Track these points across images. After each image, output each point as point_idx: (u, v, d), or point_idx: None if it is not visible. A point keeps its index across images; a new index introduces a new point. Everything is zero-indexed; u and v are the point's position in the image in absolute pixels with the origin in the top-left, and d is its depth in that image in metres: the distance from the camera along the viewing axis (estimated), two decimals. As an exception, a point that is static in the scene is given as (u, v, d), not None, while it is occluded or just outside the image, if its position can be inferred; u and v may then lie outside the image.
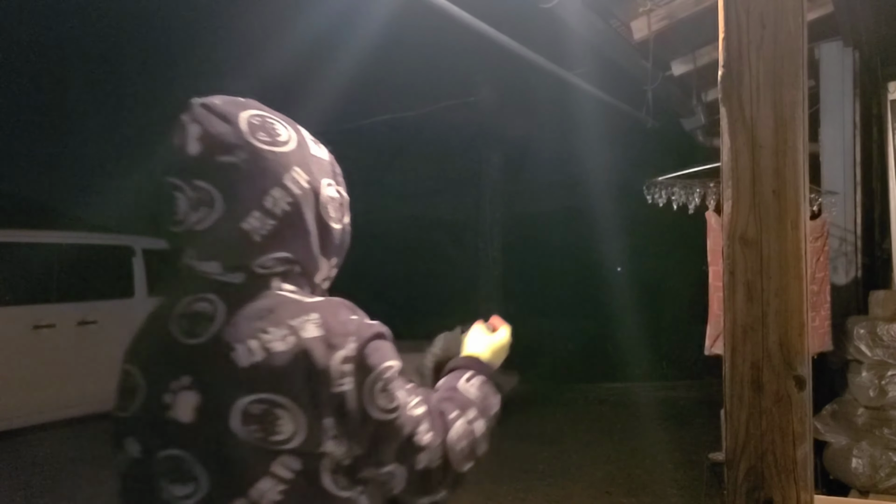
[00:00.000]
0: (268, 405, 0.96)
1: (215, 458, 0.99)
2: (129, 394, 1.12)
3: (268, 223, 1.03)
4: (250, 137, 1.05)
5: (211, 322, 1.01)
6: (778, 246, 1.46)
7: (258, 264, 1.04)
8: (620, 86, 4.93)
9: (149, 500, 1.04)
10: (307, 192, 1.07)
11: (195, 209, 1.02)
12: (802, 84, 1.47)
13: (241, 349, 0.98)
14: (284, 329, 0.99)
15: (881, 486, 3.42)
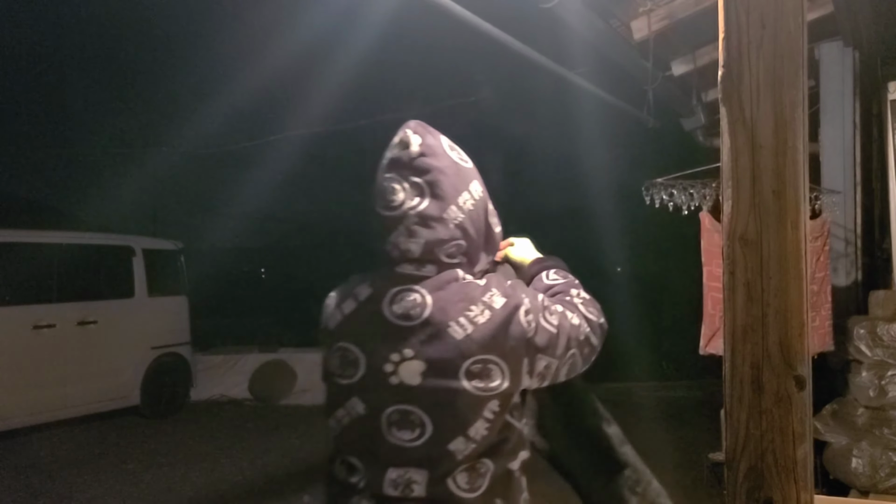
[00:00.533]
0: (483, 363, 1.31)
1: (440, 408, 1.31)
2: (350, 365, 1.41)
3: (459, 215, 1.38)
4: (451, 152, 1.43)
5: (422, 308, 1.33)
6: (778, 246, 1.45)
7: (445, 252, 1.38)
8: (620, 86, 4.92)
9: (378, 445, 1.35)
10: (482, 199, 1.47)
11: (410, 198, 1.36)
12: (802, 84, 1.47)
13: (455, 326, 1.32)
14: (481, 305, 1.33)
15: (881, 486, 3.42)
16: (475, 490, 1.35)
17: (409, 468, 1.34)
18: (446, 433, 1.32)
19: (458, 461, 1.34)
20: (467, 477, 1.35)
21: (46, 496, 5.43)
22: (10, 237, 7.02)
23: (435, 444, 1.33)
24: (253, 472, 6.07)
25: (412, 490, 1.33)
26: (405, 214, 1.37)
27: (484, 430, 1.34)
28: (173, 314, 8.57)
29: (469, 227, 1.41)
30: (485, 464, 1.37)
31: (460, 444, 1.33)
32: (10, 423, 6.74)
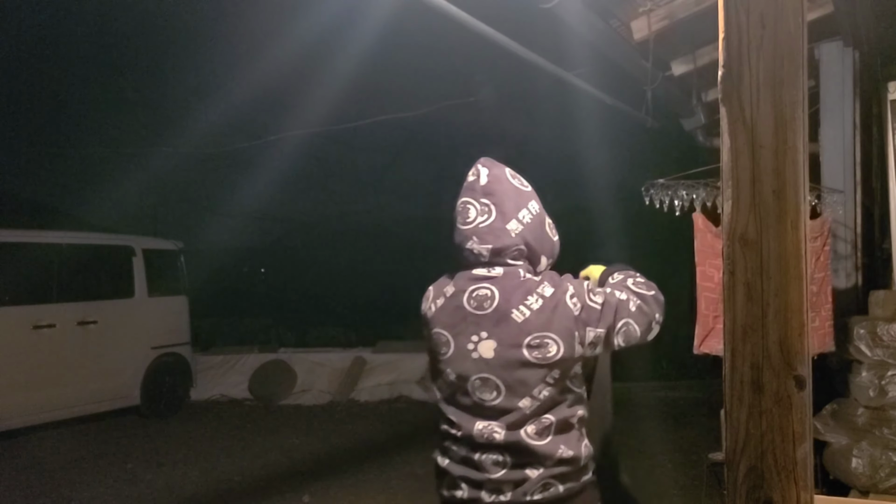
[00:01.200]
0: (540, 339, 1.73)
1: (510, 375, 1.75)
2: (444, 345, 1.85)
3: (519, 227, 1.82)
4: (513, 180, 1.89)
5: (491, 300, 1.78)
6: (778, 246, 1.45)
7: (509, 255, 1.81)
8: (620, 86, 4.92)
9: (467, 403, 1.81)
10: (539, 214, 1.89)
11: (481, 215, 1.83)
12: (802, 84, 1.47)
13: (516, 312, 1.75)
14: (535, 295, 1.76)
15: (881, 486, 3.41)
16: (542, 438, 1.77)
17: (490, 421, 1.78)
18: (516, 394, 1.76)
19: (526, 415, 1.76)
20: (535, 427, 1.77)
21: (47, 496, 5.44)
22: (10, 237, 7.02)
23: (508, 402, 1.76)
24: (253, 472, 6.07)
25: (494, 438, 1.77)
26: (477, 227, 1.83)
27: (546, 391, 1.76)
28: (173, 314, 8.58)
29: (528, 236, 1.83)
30: (549, 417, 1.78)
31: (527, 402, 1.76)
32: (10, 423, 6.74)
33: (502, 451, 1.77)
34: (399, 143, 12.08)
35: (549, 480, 1.76)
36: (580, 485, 1.81)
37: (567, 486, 1.78)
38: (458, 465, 1.84)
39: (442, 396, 1.88)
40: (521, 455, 1.76)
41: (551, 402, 1.77)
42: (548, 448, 1.76)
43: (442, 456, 1.89)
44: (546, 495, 1.77)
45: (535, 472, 1.76)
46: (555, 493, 1.77)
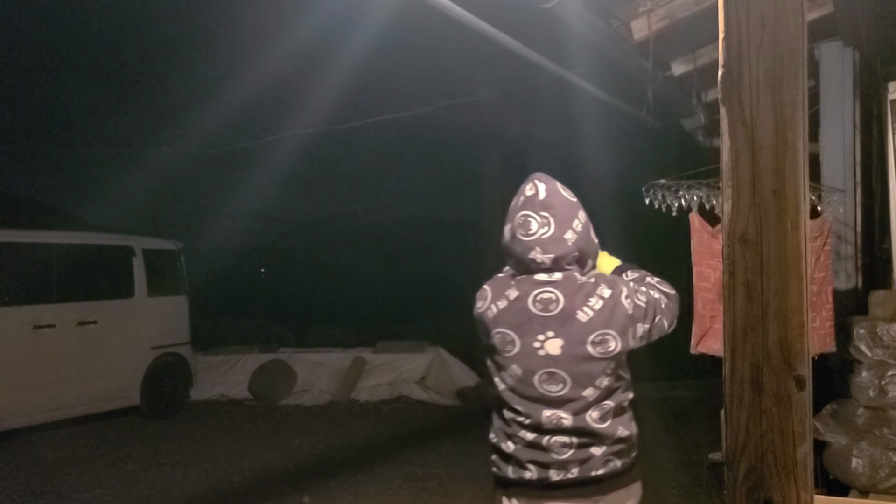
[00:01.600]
0: (602, 336, 1.97)
1: (576, 369, 1.98)
2: (508, 343, 2.04)
3: (574, 236, 2.02)
4: (566, 193, 2.09)
5: (556, 303, 1.99)
6: (778, 246, 1.45)
7: (566, 262, 2.02)
8: (621, 86, 4.92)
9: (534, 394, 2.02)
10: (586, 222, 2.09)
11: (541, 227, 2.00)
12: (802, 84, 1.47)
13: (581, 313, 1.98)
14: (595, 297, 1.99)
15: (881, 486, 3.41)
16: (604, 421, 2.02)
17: (557, 409, 2.01)
18: (581, 385, 1.99)
19: (590, 402, 2.01)
20: (598, 413, 2.01)
21: (47, 496, 5.44)
22: (10, 237, 7.02)
23: (573, 393, 2.00)
24: (253, 472, 6.08)
25: (562, 423, 2.01)
26: (540, 239, 2.00)
27: (606, 381, 2.01)
28: (173, 314, 8.58)
29: (580, 243, 2.04)
30: (608, 403, 2.03)
31: (590, 391, 2.00)
32: (10, 423, 6.74)
33: (570, 435, 2.02)
34: (399, 143, 12.09)
35: (610, 457, 2.04)
36: (632, 460, 2.10)
37: (623, 461, 2.07)
38: (526, 449, 2.07)
39: (505, 388, 2.10)
40: (587, 437, 2.02)
41: (609, 390, 2.03)
42: (609, 429, 2.02)
43: (507, 442, 2.12)
44: (607, 470, 2.03)
45: (599, 450, 2.03)
46: (614, 468, 2.04)
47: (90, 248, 7.84)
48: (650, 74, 4.39)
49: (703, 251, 3.26)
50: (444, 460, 6.31)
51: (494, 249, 4.74)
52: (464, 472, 5.96)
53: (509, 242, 2.08)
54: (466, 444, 6.88)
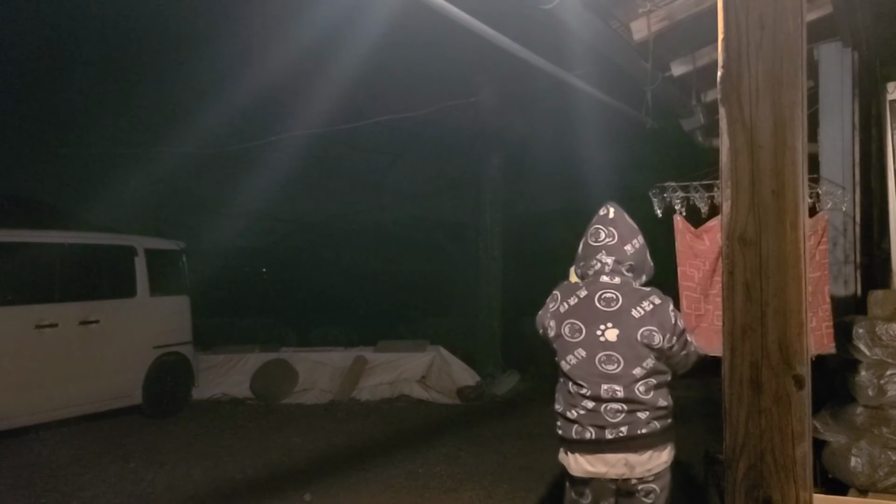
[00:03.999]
0: (649, 330, 2.63)
1: (629, 352, 2.63)
2: (577, 332, 2.70)
3: (631, 249, 2.73)
4: (630, 220, 2.78)
5: (616, 301, 2.67)
6: (777, 246, 1.46)
7: (624, 267, 2.72)
8: (620, 86, 4.93)
9: (595, 372, 2.65)
10: (643, 245, 2.78)
11: (608, 237, 2.72)
12: (801, 85, 1.48)
13: (634, 311, 2.65)
14: (647, 301, 2.68)
15: (880, 484, 3.43)
16: (648, 393, 2.65)
17: (612, 384, 2.64)
18: (631, 365, 2.64)
19: (637, 378, 2.64)
20: (644, 387, 2.65)
21: (49, 495, 5.45)
22: (12, 237, 7.03)
23: (626, 371, 2.64)
24: (255, 471, 6.09)
25: (616, 394, 2.63)
26: (605, 244, 2.73)
27: (651, 363, 2.65)
28: (175, 313, 8.59)
29: (636, 257, 2.74)
30: (651, 380, 2.66)
31: (638, 370, 2.64)
32: (12, 422, 6.76)
33: (622, 403, 2.63)
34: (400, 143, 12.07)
35: (652, 420, 2.65)
36: (668, 424, 2.71)
37: (662, 424, 2.68)
38: (587, 414, 2.66)
39: (571, 368, 2.70)
40: (635, 404, 2.64)
41: (653, 371, 2.65)
42: (651, 399, 2.65)
43: (571, 410, 2.70)
44: (649, 430, 2.64)
45: (644, 414, 2.65)
46: (654, 428, 2.65)
47: (92, 247, 7.85)
48: (650, 75, 4.40)
49: (687, 251, 3.29)
50: (445, 459, 6.32)
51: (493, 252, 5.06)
52: (464, 470, 5.97)
53: (582, 249, 2.79)
54: (467, 442, 6.90)
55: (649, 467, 2.67)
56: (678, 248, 3.33)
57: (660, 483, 2.71)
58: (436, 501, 5.24)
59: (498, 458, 6.36)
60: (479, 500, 5.24)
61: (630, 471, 2.65)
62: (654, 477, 2.69)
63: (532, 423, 7.61)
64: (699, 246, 3.27)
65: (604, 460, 2.66)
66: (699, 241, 3.26)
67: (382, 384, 9.11)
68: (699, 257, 3.22)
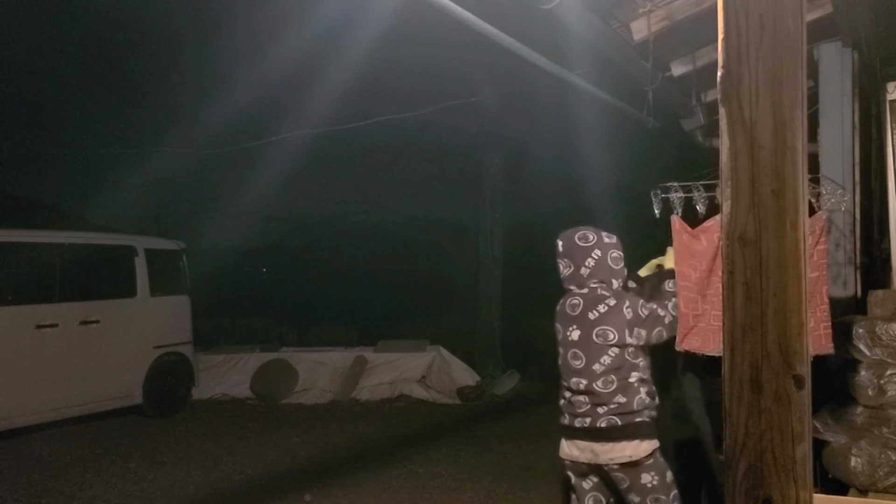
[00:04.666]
0: (603, 329, 2.93)
1: (588, 351, 2.95)
2: (558, 333, 3.07)
3: (587, 270, 3.03)
4: (580, 242, 3.07)
5: (578, 307, 3.01)
6: (777, 246, 1.46)
7: (590, 283, 3.03)
8: (620, 86, 4.92)
9: (568, 368, 3.00)
10: (601, 257, 3.04)
11: (565, 268, 3.10)
12: (801, 85, 1.48)
13: (591, 314, 2.97)
14: (603, 304, 2.97)
15: (880, 484, 3.42)
16: (607, 388, 2.90)
17: (579, 378, 2.95)
18: (590, 361, 2.92)
19: (598, 374, 2.90)
20: (602, 382, 2.91)
21: (49, 495, 5.45)
22: (12, 237, 7.03)
23: (587, 366, 2.93)
24: (255, 471, 6.09)
25: (580, 387, 2.94)
26: (564, 276, 3.08)
27: (608, 360, 2.90)
28: (175, 313, 8.59)
29: (597, 271, 3.01)
30: (612, 377, 2.91)
31: (597, 366, 2.91)
32: (12, 422, 6.76)
33: (585, 395, 2.92)
34: (400, 143, 12.08)
35: (611, 416, 2.88)
36: (631, 422, 2.89)
37: (623, 420, 2.87)
38: (566, 404, 3.03)
39: (559, 363, 3.07)
40: (595, 398, 2.91)
41: (612, 367, 2.89)
42: (609, 395, 2.88)
43: (560, 399, 3.07)
44: (608, 424, 2.88)
45: (602, 409, 2.90)
46: (613, 423, 2.88)
47: (93, 247, 7.85)
48: (650, 75, 4.40)
49: (684, 251, 3.28)
50: (445, 459, 6.32)
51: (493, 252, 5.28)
52: (464, 470, 5.97)
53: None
54: (467, 442, 6.90)
55: (611, 457, 2.91)
56: (675, 247, 3.33)
57: (629, 473, 2.91)
58: (436, 501, 5.24)
59: (498, 458, 6.36)
60: (479, 500, 5.24)
61: (595, 457, 2.94)
62: (618, 466, 2.91)
63: (532, 423, 7.62)
64: (696, 246, 3.27)
65: (576, 445, 3.00)
66: (696, 241, 3.26)
67: (382, 384, 9.12)
68: (696, 257, 3.22)
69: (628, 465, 2.91)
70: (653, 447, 2.95)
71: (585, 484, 3.09)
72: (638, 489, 2.94)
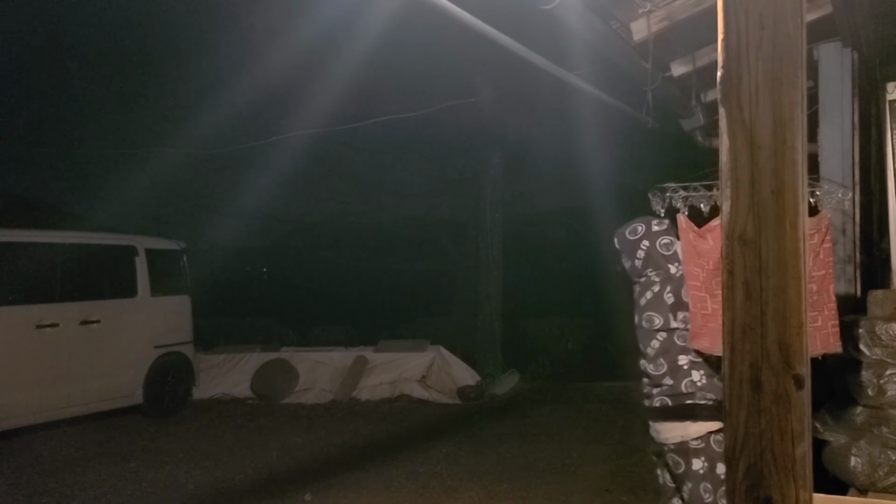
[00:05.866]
0: (649, 315, 3.08)
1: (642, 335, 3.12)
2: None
3: (639, 262, 3.19)
4: (630, 236, 3.22)
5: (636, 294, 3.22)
6: (777, 246, 1.47)
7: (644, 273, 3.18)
8: (620, 86, 4.92)
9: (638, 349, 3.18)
10: (650, 247, 3.18)
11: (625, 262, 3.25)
12: (801, 85, 1.48)
13: (642, 299, 3.16)
14: (650, 291, 3.13)
15: (880, 484, 3.43)
16: (658, 372, 3.02)
17: (642, 360, 3.12)
18: (644, 345, 3.07)
19: (650, 357, 3.04)
20: (654, 366, 3.03)
21: (49, 494, 5.45)
22: (13, 237, 7.03)
23: (643, 350, 3.08)
24: (255, 471, 6.09)
25: (643, 370, 3.09)
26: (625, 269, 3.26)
27: (657, 344, 3.02)
28: (176, 313, 8.60)
29: (648, 262, 3.18)
30: (661, 360, 3.01)
31: (649, 350, 3.04)
32: (13, 421, 6.76)
33: (646, 377, 3.10)
34: (400, 143, 12.08)
35: (662, 397, 2.99)
36: (683, 404, 2.95)
37: (674, 401, 2.95)
38: (643, 384, 3.15)
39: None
40: (650, 380, 3.06)
41: (661, 351, 3.01)
42: (659, 378, 3.01)
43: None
44: (661, 404, 2.99)
45: (655, 390, 3.03)
46: (665, 403, 2.98)
47: (93, 247, 7.86)
48: (650, 75, 4.40)
49: (690, 251, 3.29)
50: (445, 459, 6.32)
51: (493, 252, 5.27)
52: (464, 470, 5.97)
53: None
54: (467, 442, 6.90)
55: (667, 436, 3.00)
56: (682, 247, 3.34)
57: (683, 456, 2.95)
58: (436, 501, 5.24)
59: (498, 458, 6.36)
60: (479, 500, 5.25)
61: (657, 435, 3.06)
62: (674, 447, 2.98)
63: (532, 423, 7.62)
64: (703, 245, 3.28)
65: (648, 424, 3.14)
66: (703, 241, 3.27)
67: (383, 384, 9.12)
68: (703, 256, 3.23)
69: (681, 446, 2.94)
70: (706, 430, 2.91)
71: (660, 461, 3.18)
72: (691, 475, 2.92)
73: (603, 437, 7.05)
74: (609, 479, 5.66)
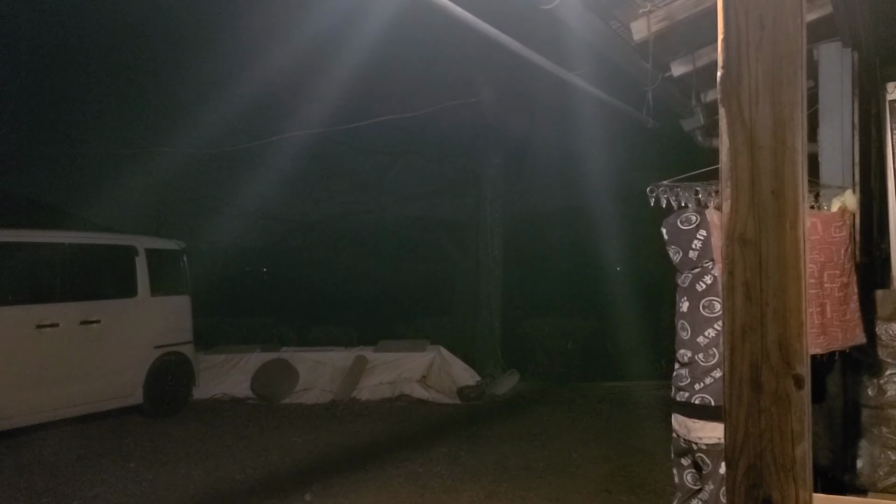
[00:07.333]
0: (710, 300, 2.93)
1: (694, 323, 2.96)
2: (677, 303, 3.15)
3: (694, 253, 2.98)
4: (682, 226, 3.03)
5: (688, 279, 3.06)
6: (777, 246, 1.47)
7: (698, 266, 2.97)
8: (620, 86, 4.93)
9: (678, 338, 3.04)
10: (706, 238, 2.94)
11: (675, 255, 3.08)
12: (801, 85, 1.48)
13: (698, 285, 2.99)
14: (709, 273, 2.97)
15: (880, 484, 3.43)
16: (708, 362, 2.89)
17: (686, 349, 2.99)
18: (696, 333, 2.94)
19: (701, 346, 2.90)
20: (704, 356, 2.90)
21: (49, 494, 5.45)
22: (13, 237, 7.04)
23: (692, 338, 2.95)
24: (255, 471, 6.09)
25: (685, 360, 2.96)
26: (676, 262, 3.07)
27: (713, 333, 2.87)
28: (176, 313, 8.60)
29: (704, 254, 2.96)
30: (714, 350, 2.87)
31: (702, 338, 2.91)
32: (13, 421, 6.77)
33: (688, 368, 2.96)
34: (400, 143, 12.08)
35: (705, 395, 2.87)
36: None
37: (718, 401, 2.74)
38: (675, 376, 3.05)
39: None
40: (695, 370, 2.91)
41: (716, 341, 2.83)
42: (709, 368, 2.86)
43: (673, 371, 3.08)
44: (702, 402, 2.87)
45: (699, 385, 2.89)
46: (707, 402, 2.85)
47: (93, 247, 7.86)
48: (650, 75, 4.40)
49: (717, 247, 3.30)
50: (445, 459, 6.32)
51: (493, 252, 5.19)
52: (464, 470, 5.97)
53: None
54: (467, 442, 6.90)
55: (700, 435, 2.89)
56: (713, 243, 3.35)
57: (712, 457, 2.84)
58: (436, 501, 5.24)
59: (498, 458, 6.37)
60: (479, 500, 5.25)
61: (688, 433, 2.95)
62: (706, 447, 2.88)
63: (532, 423, 7.62)
64: None
65: (676, 419, 3.04)
66: None
67: (383, 384, 9.12)
68: None
69: (714, 448, 2.86)
70: None
71: (684, 460, 3.10)
72: (714, 477, 2.88)
73: (603, 437, 7.05)
74: (609, 479, 5.67)
